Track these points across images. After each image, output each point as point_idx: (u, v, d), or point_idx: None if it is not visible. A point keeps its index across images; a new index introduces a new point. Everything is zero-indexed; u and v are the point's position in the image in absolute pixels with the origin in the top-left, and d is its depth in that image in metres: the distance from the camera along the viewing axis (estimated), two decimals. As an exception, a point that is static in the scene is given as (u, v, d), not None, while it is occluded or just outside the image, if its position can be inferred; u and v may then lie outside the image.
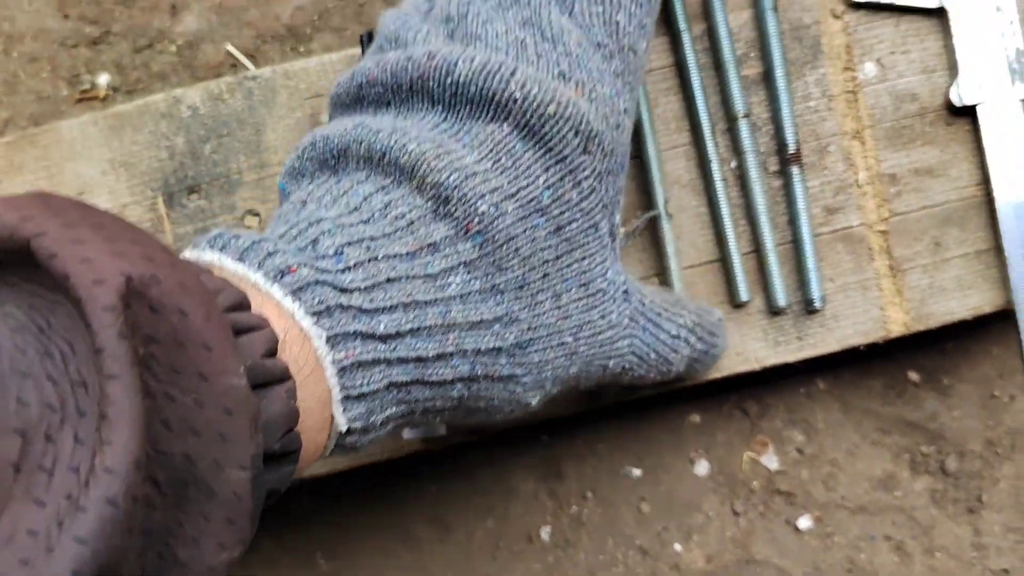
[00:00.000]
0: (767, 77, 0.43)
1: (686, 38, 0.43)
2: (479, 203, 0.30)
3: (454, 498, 0.47)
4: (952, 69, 0.43)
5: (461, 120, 0.32)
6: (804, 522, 0.46)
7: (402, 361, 0.28)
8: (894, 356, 0.47)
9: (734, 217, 0.42)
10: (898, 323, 0.42)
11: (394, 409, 0.29)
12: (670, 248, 0.42)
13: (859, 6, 0.44)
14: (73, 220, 0.21)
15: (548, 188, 0.31)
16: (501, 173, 0.31)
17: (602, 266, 0.33)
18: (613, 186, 0.33)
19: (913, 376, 0.47)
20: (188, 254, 0.28)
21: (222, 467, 0.21)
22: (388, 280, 0.28)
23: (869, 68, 0.44)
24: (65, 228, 0.21)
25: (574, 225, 0.32)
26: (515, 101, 0.31)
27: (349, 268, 0.28)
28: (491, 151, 0.31)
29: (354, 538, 0.47)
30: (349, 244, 0.29)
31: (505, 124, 0.31)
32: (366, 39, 0.41)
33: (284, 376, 0.24)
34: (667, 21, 0.44)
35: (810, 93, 0.43)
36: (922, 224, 0.43)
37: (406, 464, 0.47)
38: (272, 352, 0.24)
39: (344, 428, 0.27)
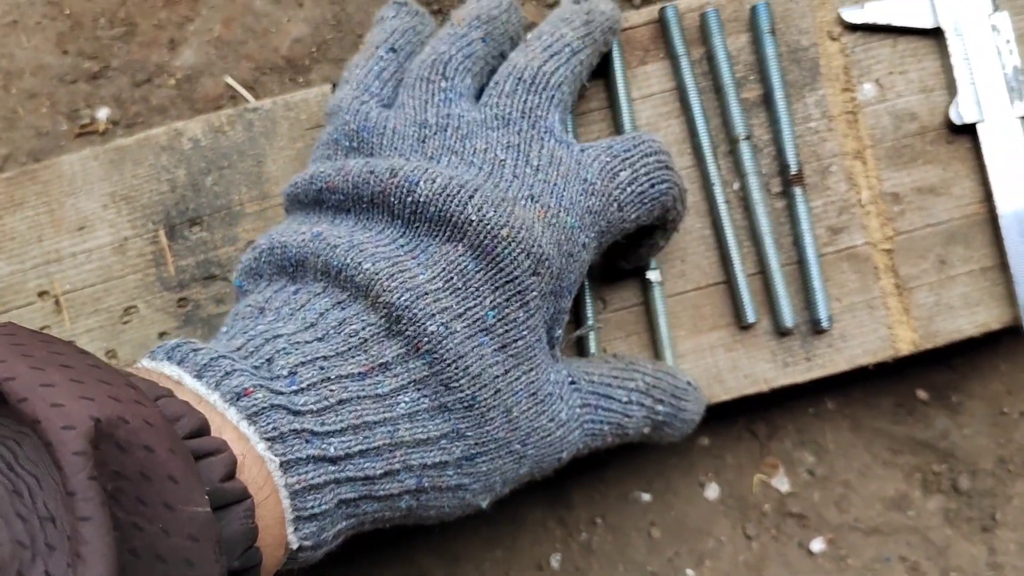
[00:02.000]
0: (767, 99, 0.43)
1: (685, 62, 0.43)
2: (428, 323, 0.31)
3: (461, 528, 0.46)
4: (951, 88, 0.43)
5: (419, 237, 0.33)
6: (817, 545, 0.46)
7: (351, 480, 0.30)
8: (903, 374, 0.47)
9: (738, 238, 0.42)
10: (906, 341, 0.42)
11: (344, 523, 0.31)
12: (662, 320, 0.42)
13: (856, 28, 0.44)
14: (41, 361, 0.22)
15: (494, 308, 0.32)
16: (452, 293, 0.32)
17: (546, 373, 0.34)
18: (557, 306, 0.35)
19: (922, 394, 0.47)
20: (147, 364, 0.29)
21: None
22: (339, 402, 0.30)
23: (868, 89, 0.44)
24: (34, 371, 0.22)
25: (520, 342, 0.33)
26: (471, 223, 0.32)
27: (302, 390, 0.29)
28: (444, 270, 0.32)
29: (361, 568, 0.46)
30: (303, 364, 0.30)
31: (460, 244, 0.32)
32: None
33: (243, 496, 0.26)
34: (666, 46, 0.44)
35: (810, 114, 0.44)
36: (926, 242, 0.43)
37: (413, 495, 0.46)
38: (231, 474, 0.26)
39: (296, 547, 0.29)
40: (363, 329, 0.31)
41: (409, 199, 0.32)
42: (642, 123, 0.44)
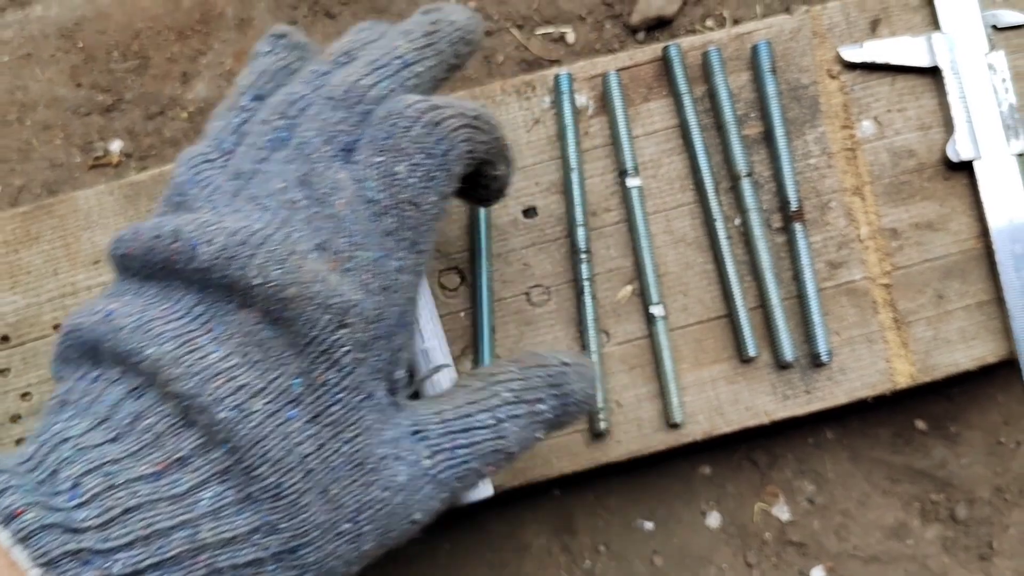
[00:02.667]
0: (768, 136, 0.44)
1: (687, 100, 0.44)
2: (218, 410, 0.28)
3: (467, 554, 0.47)
4: (948, 126, 0.44)
5: (214, 304, 0.30)
6: (817, 573, 0.47)
7: None
8: (901, 405, 0.48)
9: (740, 273, 0.43)
10: (904, 375, 0.43)
11: None
12: (665, 353, 0.43)
13: (855, 66, 0.45)
14: None
15: (299, 376, 0.29)
16: (250, 367, 0.29)
17: (379, 434, 0.30)
18: (387, 348, 0.31)
19: (920, 424, 0.48)
20: None
21: None
22: (125, 511, 0.27)
23: (867, 126, 0.45)
24: None
25: (335, 407, 0.29)
26: (255, 287, 0.29)
27: (84, 503, 0.27)
28: (240, 344, 0.29)
29: (369, 598, 0.47)
30: (88, 472, 0.27)
31: (254, 311, 0.29)
32: None
33: None
34: (669, 83, 0.45)
35: (810, 151, 0.45)
36: (924, 277, 0.44)
37: (420, 522, 0.47)
38: None
39: None
40: (158, 422, 0.28)
41: (192, 266, 0.29)
42: (645, 159, 0.44)
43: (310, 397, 0.29)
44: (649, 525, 0.47)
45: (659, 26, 0.53)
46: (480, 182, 0.35)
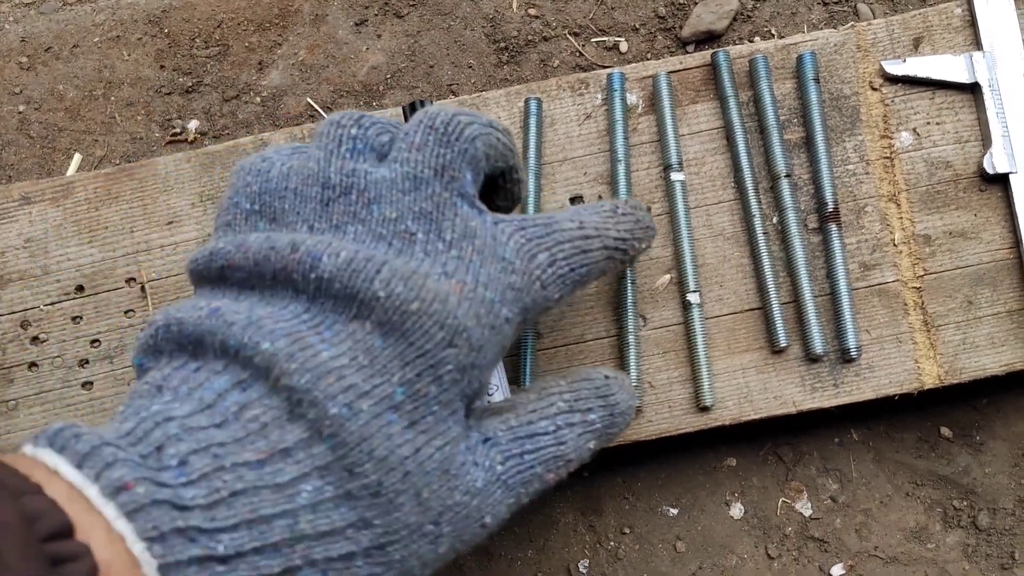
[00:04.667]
0: (808, 141, 0.46)
1: (733, 103, 0.46)
2: (330, 405, 0.29)
3: (497, 528, 0.49)
4: (984, 140, 0.46)
5: (324, 312, 0.31)
6: (837, 570, 0.47)
7: None
8: (927, 411, 0.49)
9: (775, 269, 0.45)
10: (932, 376, 0.44)
11: None
12: (699, 340, 0.44)
13: (897, 80, 0.47)
14: None
15: (403, 384, 0.30)
16: (357, 371, 0.30)
17: (462, 441, 0.32)
18: (477, 379, 0.33)
19: (946, 431, 0.49)
20: (28, 450, 0.28)
21: None
22: (233, 494, 0.28)
23: (905, 137, 0.47)
24: None
25: (429, 418, 0.31)
26: (378, 299, 0.30)
27: (192, 481, 0.27)
28: (350, 348, 0.30)
29: (399, 562, 0.49)
30: (195, 452, 0.28)
31: (367, 322, 0.30)
32: (408, 110, 0.45)
33: None
34: (717, 87, 0.47)
35: (848, 158, 0.46)
36: (955, 283, 0.45)
37: (453, 493, 0.49)
38: None
39: None
40: (264, 413, 0.29)
41: (312, 275, 0.31)
42: (689, 157, 0.47)
43: (410, 405, 0.30)
44: (673, 511, 0.49)
45: (708, 40, 0.56)
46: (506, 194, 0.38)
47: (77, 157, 0.56)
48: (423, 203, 0.32)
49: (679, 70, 0.48)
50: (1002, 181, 0.46)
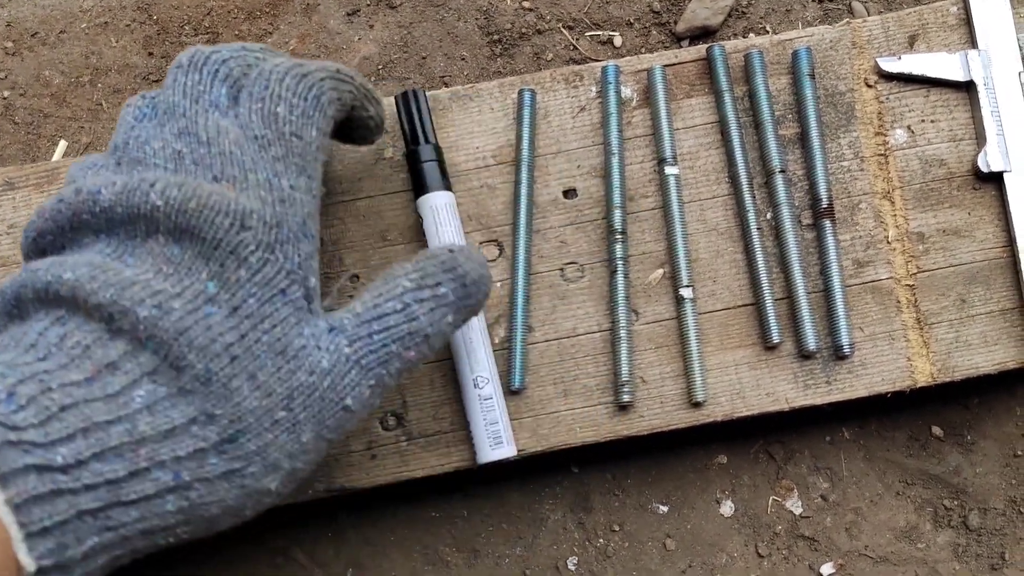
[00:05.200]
0: (803, 137, 0.46)
1: (728, 98, 0.46)
2: (139, 309, 0.30)
3: (484, 524, 0.48)
4: (979, 139, 0.46)
5: (122, 243, 0.33)
6: (827, 569, 0.47)
7: (90, 488, 0.28)
8: (919, 410, 0.49)
9: (768, 264, 0.45)
10: (924, 373, 0.44)
11: (96, 539, 0.29)
12: (692, 334, 0.44)
13: (892, 77, 0.47)
14: None
15: (212, 278, 0.32)
16: (164, 279, 0.31)
17: (297, 327, 0.33)
18: (294, 253, 0.34)
19: (937, 430, 0.49)
20: None
21: None
22: (62, 408, 0.28)
23: (900, 134, 0.46)
24: None
25: (251, 300, 0.32)
26: (158, 209, 0.32)
27: (21, 407, 0.28)
28: (152, 263, 0.32)
29: (384, 557, 0.48)
30: (20, 382, 0.29)
31: (159, 235, 0.32)
32: (400, 101, 0.45)
33: None
34: (712, 82, 0.47)
35: (843, 154, 0.46)
36: (948, 281, 0.45)
37: (439, 487, 0.48)
38: None
39: (33, 568, 0.27)
40: (84, 338, 0.31)
41: (96, 208, 0.33)
42: (683, 151, 0.46)
43: (225, 295, 0.32)
44: (664, 509, 0.48)
45: (703, 36, 0.55)
46: (357, 123, 0.40)
47: (62, 144, 0.56)
48: (179, 123, 0.35)
49: (674, 64, 0.47)
50: (996, 180, 0.46)
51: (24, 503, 0.27)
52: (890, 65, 0.46)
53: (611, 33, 0.56)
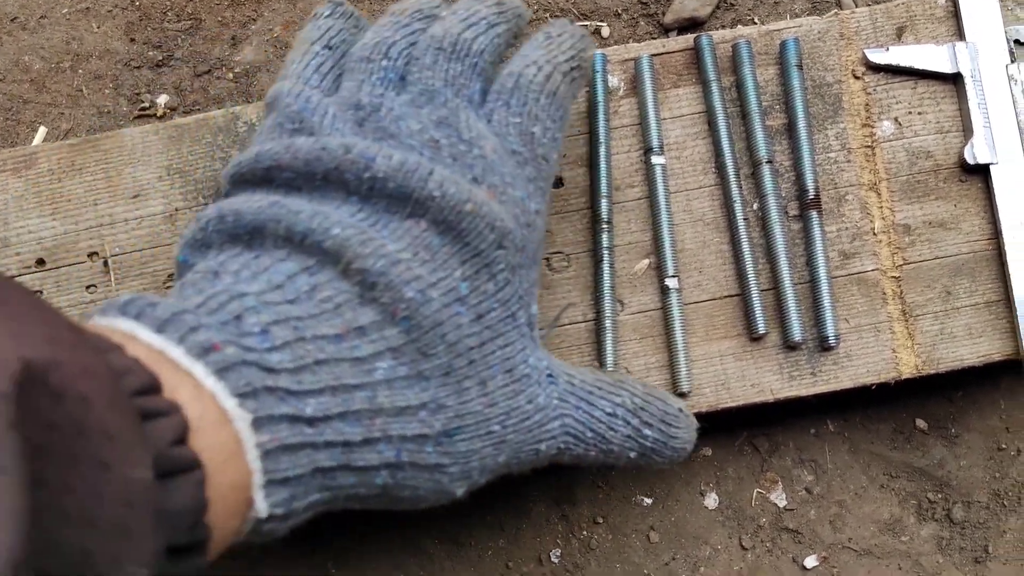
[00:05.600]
0: (790, 128, 0.46)
1: (715, 88, 0.46)
2: (405, 289, 0.30)
3: (467, 515, 0.48)
4: (966, 131, 0.46)
5: (378, 212, 0.32)
6: (811, 561, 0.47)
7: (329, 445, 0.28)
8: (903, 402, 0.49)
9: (755, 255, 0.45)
10: (909, 365, 0.44)
11: (317, 496, 0.29)
12: (677, 325, 0.44)
13: (879, 68, 0.47)
14: None
15: (465, 280, 0.32)
16: (421, 264, 0.31)
17: (523, 353, 0.33)
18: (526, 279, 0.34)
19: (921, 423, 0.49)
20: (98, 321, 0.27)
21: (121, 564, 0.20)
22: (316, 362, 0.28)
23: (887, 126, 0.46)
24: None
25: (493, 314, 0.32)
26: (433, 199, 0.32)
27: (276, 348, 0.27)
28: (410, 244, 0.31)
29: (366, 549, 0.48)
30: (275, 323, 0.28)
31: (423, 220, 0.32)
32: None
33: (193, 465, 0.23)
34: (699, 71, 0.46)
35: (830, 145, 0.46)
36: (934, 273, 0.45)
37: (423, 479, 0.48)
38: (181, 439, 0.23)
39: (265, 514, 0.27)
40: (336, 295, 0.30)
41: (366, 174, 0.32)
42: (670, 141, 0.46)
43: (473, 300, 0.32)
44: (648, 501, 0.48)
45: (691, 27, 0.55)
46: None
47: (42, 130, 0.55)
48: (439, 111, 0.34)
49: (661, 53, 0.47)
50: (982, 172, 0.45)
51: (273, 451, 0.26)
52: (878, 57, 0.46)
53: (599, 23, 0.56)
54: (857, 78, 0.47)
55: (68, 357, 0.20)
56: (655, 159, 0.45)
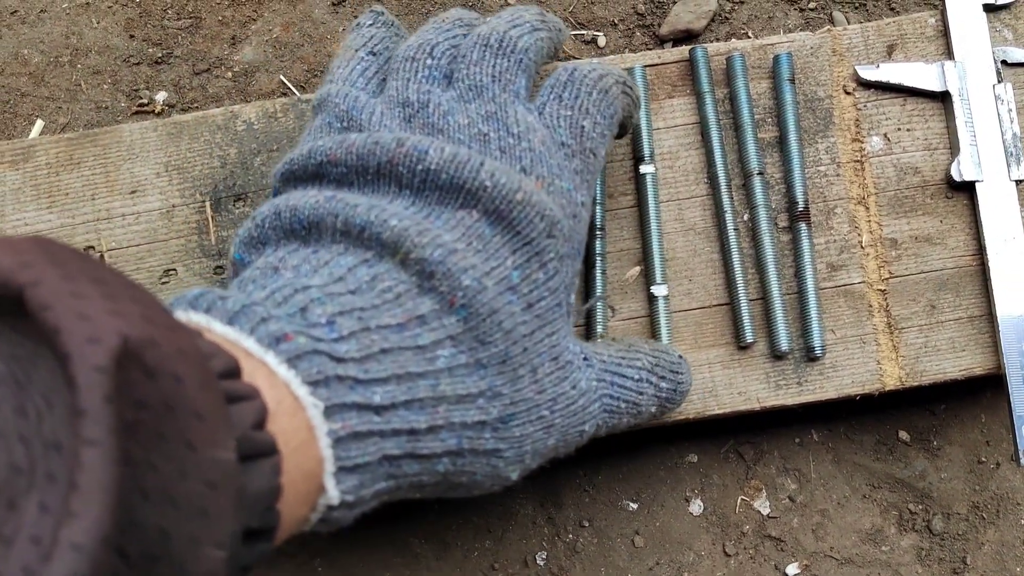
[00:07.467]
0: (781, 141, 0.47)
1: (709, 100, 0.47)
2: (463, 277, 0.31)
3: (454, 516, 0.48)
4: (953, 149, 0.47)
5: (430, 205, 0.33)
6: (792, 569, 0.47)
7: (396, 433, 0.28)
8: (887, 414, 0.49)
9: (744, 265, 0.45)
10: (893, 377, 0.45)
11: (383, 484, 0.29)
12: (664, 332, 0.44)
13: (870, 85, 0.47)
14: (73, 272, 0.20)
15: (516, 268, 0.33)
16: (475, 254, 0.32)
17: (566, 340, 0.34)
18: (572, 268, 0.35)
19: (904, 435, 0.49)
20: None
21: (199, 544, 0.20)
22: (382, 351, 0.29)
23: (876, 141, 0.47)
24: (64, 280, 0.19)
25: (543, 303, 0.33)
26: (485, 189, 0.32)
27: (343, 338, 0.28)
28: (463, 234, 0.32)
29: (353, 549, 0.48)
30: (341, 314, 0.29)
31: (474, 211, 0.33)
32: None
33: (271, 450, 0.24)
34: (693, 83, 0.47)
35: (820, 159, 0.47)
36: (919, 287, 0.46)
37: (411, 479, 0.48)
38: (261, 423, 0.24)
39: (336, 501, 0.27)
40: (396, 285, 0.31)
41: (419, 167, 0.33)
42: (663, 151, 0.47)
43: (525, 288, 0.33)
44: (633, 506, 0.48)
45: (686, 39, 0.56)
46: (620, 130, 0.41)
47: (39, 123, 0.55)
48: (487, 106, 0.35)
49: (657, 64, 0.48)
50: (968, 189, 0.46)
51: (344, 439, 0.27)
52: (868, 73, 0.47)
53: (595, 33, 0.56)
54: (848, 94, 0.48)
55: (163, 336, 0.21)
56: (644, 168, 0.46)
